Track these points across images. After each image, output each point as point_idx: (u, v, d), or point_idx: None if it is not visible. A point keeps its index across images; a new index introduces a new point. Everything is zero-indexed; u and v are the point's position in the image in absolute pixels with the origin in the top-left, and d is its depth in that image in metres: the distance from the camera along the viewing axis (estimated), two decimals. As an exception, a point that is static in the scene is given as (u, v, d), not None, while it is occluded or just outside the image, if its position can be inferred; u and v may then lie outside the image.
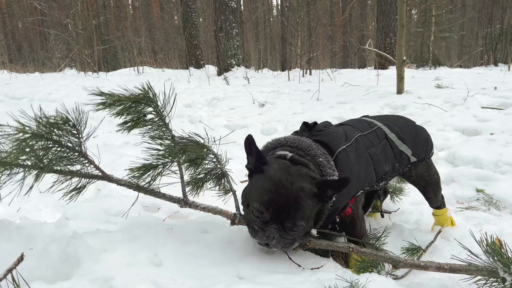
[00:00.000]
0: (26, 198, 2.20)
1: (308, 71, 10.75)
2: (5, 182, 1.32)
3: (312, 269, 1.50)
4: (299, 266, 1.51)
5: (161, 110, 1.50)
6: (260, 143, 2.67)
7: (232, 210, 1.66)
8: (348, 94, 6.33)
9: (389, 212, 2.43)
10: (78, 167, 1.44)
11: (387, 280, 1.40)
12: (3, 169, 1.26)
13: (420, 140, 2.05)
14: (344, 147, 1.70)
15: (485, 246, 1.42)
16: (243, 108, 6.30)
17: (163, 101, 1.49)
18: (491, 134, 3.93)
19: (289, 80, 9.41)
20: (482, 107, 4.76)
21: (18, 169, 1.30)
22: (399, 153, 1.93)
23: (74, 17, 14.80)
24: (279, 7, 23.26)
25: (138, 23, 14.85)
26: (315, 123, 1.89)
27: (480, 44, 22.17)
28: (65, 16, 18.82)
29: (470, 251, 1.46)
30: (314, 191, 1.47)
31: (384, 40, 12.08)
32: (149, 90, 1.42)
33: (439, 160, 3.64)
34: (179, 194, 1.64)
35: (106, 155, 3.90)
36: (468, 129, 4.17)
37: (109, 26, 23.52)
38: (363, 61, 20.90)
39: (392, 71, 9.25)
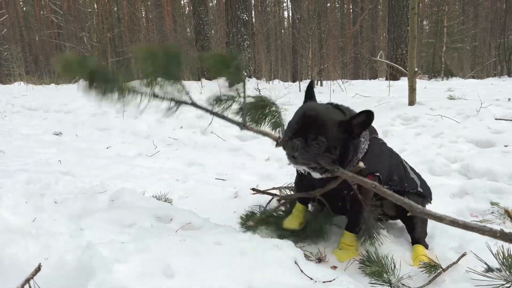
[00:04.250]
0: (42, 208, 2.24)
1: (319, 82, 10.77)
2: (129, 101, 1.72)
3: (324, 282, 1.49)
4: (311, 279, 1.51)
5: (240, 62, 1.88)
6: (272, 155, 2.70)
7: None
8: (359, 106, 6.31)
9: None
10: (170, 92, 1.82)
11: (400, 294, 1.39)
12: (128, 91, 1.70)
13: (425, 184, 2.23)
14: (375, 136, 1.98)
15: (501, 259, 1.41)
16: (254, 119, 6.33)
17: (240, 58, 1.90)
18: (505, 146, 3.87)
19: (300, 91, 9.45)
20: (495, 119, 4.70)
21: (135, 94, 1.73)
22: (411, 178, 2.12)
23: (90, 30, 15.14)
24: (290, 19, 23.44)
25: (152, 35, 15.10)
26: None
27: (493, 55, 21.95)
28: (80, 29, 19.24)
29: (486, 264, 1.45)
30: (340, 120, 1.72)
31: (395, 51, 12.06)
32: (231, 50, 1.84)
33: (452, 172, 3.59)
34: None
35: (119, 166, 3.96)
36: (481, 141, 4.12)
37: (123, 38, 23.95)
38: (374, 72, 20.87)
39: (403, 81, 9.21)
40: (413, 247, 2.06)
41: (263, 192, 2.51)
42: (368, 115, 1.68)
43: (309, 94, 1.96)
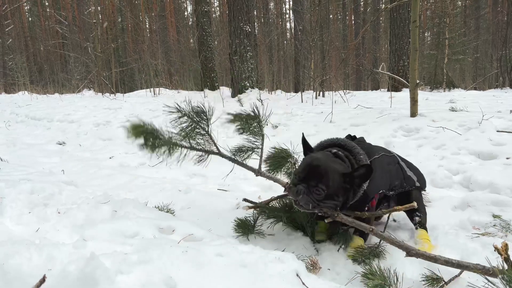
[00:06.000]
0: (45, 218, 2.26)
1: (321, 93, 10.82)
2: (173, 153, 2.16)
3: (325, 294, 1.49)
4: (312, 291, 1.51)
5: (261, 122, 2.39)
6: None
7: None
8: (361, 117, 6.34)
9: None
10: (202, 144, 2.29)
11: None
12: (168, 147, 2.10)
13: (420, 175, 2.65)
14: (376, 156, 2.26)
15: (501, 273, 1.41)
16: (257, 130, 6.35)
17: (261, 118, 2.44)
18: (507, 158, 3.88)
19: (302, 102, 9.48)
20: (497, 131, 4.71)
21: (176, 148, 2.16)
22: (408, 177, 2.49)
23: (94, 41, 15.30)
24: (293, 30, 23.63)
25: (155, 46, 15.25)
26: (355, 136, 2.47)
27: (495, 66, 22.03)
28: (85, 39, 19.45)
29: (487, 278, 1.45)
30: (342, 172, 1.94)
31: (397, 62, 12.12)
32: (254, 109, 2.40)
33: (454, 184, 3.59)
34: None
35: (122, 176, 3.98)
36: (483, 153, 4.12)
37: (127, 49, 24.17)
38: (376, 83, 20.94)
39: (405, 93, 9.24)
40: (417, 229, 2.42)
41: (255, 206, 2.63)
42: (367, 170, 1.93)
43: (307, 146, 2.25)
